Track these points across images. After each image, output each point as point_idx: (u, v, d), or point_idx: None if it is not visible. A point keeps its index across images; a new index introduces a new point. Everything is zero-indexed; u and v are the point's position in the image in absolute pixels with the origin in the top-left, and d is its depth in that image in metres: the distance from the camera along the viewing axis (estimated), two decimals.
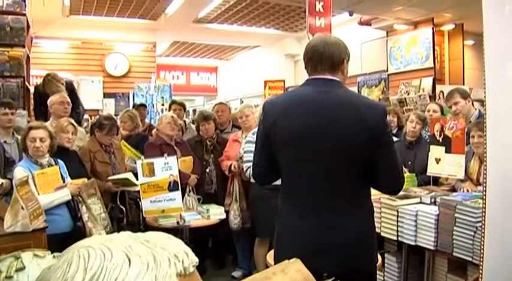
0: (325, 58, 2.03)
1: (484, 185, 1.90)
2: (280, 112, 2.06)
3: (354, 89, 9.03)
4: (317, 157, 1.96)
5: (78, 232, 3.48)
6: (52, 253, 2.68)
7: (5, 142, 4.08)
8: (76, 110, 4.95)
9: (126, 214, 4.31)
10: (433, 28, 8.22)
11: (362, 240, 2.02)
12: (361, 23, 8.99)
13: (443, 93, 7.86)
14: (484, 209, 1.87)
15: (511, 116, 1.91)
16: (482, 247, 1.93)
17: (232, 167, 4.49)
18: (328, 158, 1.95)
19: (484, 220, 1.87)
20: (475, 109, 4.29)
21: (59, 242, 3.19)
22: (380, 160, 1.97)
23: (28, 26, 5.21)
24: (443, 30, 8.66)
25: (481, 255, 1.98)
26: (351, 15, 7.97)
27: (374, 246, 2.13)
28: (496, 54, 1.90)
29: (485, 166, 1.87)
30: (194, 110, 14.99)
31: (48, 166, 3.52)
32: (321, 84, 2.03)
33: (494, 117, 1.88)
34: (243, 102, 11.43)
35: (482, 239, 1.92)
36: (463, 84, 8.09)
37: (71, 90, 5.21)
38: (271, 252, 3.13)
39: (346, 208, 1.99)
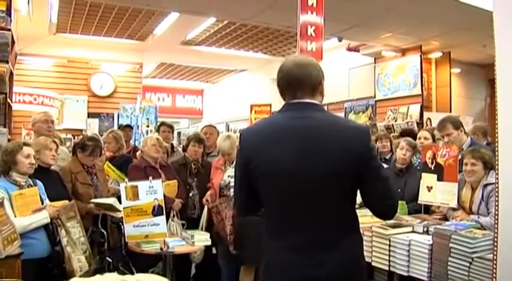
0: (303, 82, 1.90)
1: (496, 217, 1.81)
2: (258, 142, 1.92)
3: (341, 114, 9.04)
4: (302, 187, 1.82)
5: (56, 257, 3.32)
6: None
7: None
8: None
9: (107, 238, 4.17)
10: (421, 55, 8.28)
11: (353, 272, 1.90)
12: (349, 49, 9.02)
13: (430, 120, 7.88)
14: (496, 243, 1.78)
15: None
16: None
17: (204, 201, 4.52)
18: (314, 188, 1.82)
19: (496, 254, 1.78)
20: (467, 137, 4.25)
21: (35, 269, 3.04)
22: (368, 185, 1.87)
23: (13, 42, 5.08)
24: (430, 57, 8.74)
25: None
26: (340, 41, 7.99)
27: (364, 277, 2.03)
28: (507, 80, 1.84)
29: (497, 197, 1.78)
30: (179, 133, 14.89)
31: (28, 187, 3.37)
32: (300, 109, 1.90)
33: (506, 145, 1.80)
34: (228, 126, 11.36)
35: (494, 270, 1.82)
36: (450, 111, 8.14)
37: None
38: None
39: (337, 240, 1.86)
